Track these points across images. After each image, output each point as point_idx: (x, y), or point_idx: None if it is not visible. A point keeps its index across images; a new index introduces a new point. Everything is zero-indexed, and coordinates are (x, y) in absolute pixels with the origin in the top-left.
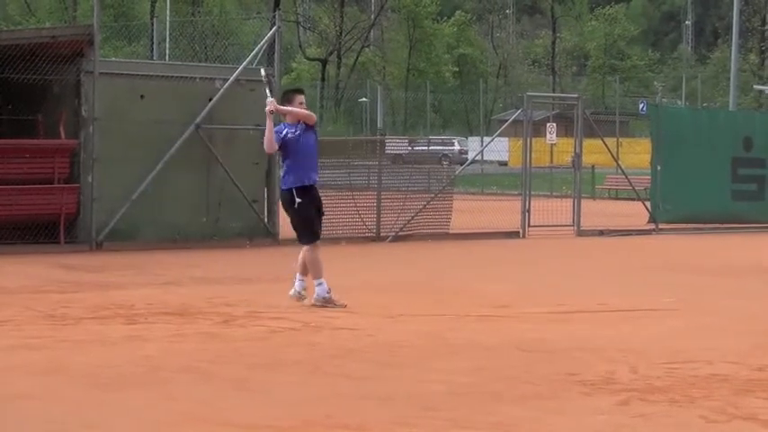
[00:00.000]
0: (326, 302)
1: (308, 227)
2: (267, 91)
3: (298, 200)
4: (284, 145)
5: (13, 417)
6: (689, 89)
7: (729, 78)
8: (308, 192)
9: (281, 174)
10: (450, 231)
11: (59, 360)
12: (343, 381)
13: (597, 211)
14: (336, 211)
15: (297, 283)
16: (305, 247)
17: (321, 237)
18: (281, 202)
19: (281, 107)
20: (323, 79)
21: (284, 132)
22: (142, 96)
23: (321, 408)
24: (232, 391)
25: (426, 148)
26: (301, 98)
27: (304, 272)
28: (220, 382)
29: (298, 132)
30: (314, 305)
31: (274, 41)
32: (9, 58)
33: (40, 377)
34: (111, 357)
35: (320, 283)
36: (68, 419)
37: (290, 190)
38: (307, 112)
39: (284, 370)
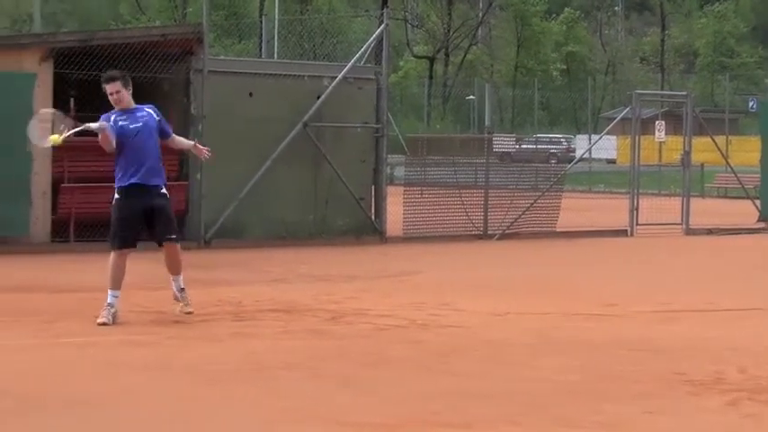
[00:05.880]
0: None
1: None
2: None
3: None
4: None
5: (117, 412)
6: None
7: None
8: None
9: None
10: (558, 230)
11: (166, 357)
12: (449, 378)
13: (706, 210)
14: (443, 209)
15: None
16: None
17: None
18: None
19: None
20: (430, 77)
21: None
22: (251, 94)
23: (427, 405)
24: (338, 388)
25: (535, 146)
26: (114, 86)
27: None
28: (327, 380)
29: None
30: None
31: (382, 39)
32: (120, 57)
33: (146, 373)
34: (217, 354)
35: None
36: (173, 416)
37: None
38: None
39: (390, 367)
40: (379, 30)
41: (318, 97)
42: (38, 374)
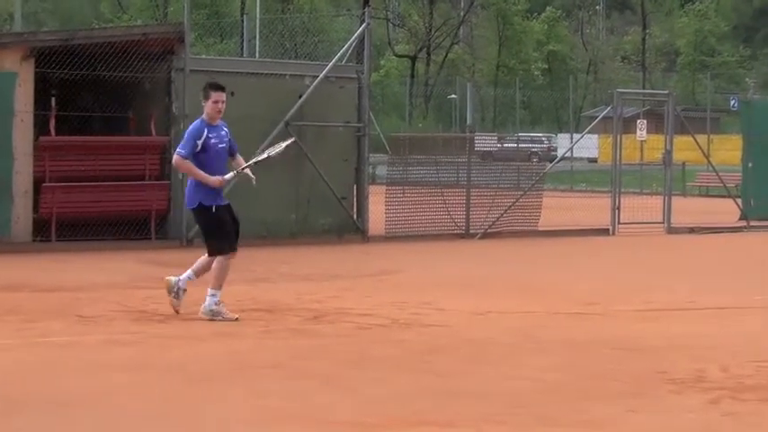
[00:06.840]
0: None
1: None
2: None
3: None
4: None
5: (102, 412)
6: None
7: None
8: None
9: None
10: (540, 228)
11: (149, 356)
12: (432, 377)
13: (688, 209)
14: (425, 208)
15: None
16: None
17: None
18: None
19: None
20: (412, 76)
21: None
22: (232, 93)
23: (409, 404)
24: (321, 387)
25: (516, 145)
26: (222, 96)
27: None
28: (309, 379)
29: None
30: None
31: (364, 38)
32: (101, 56)
33: (129, 373)
34: (200, 353)
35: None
36: (157, 417)
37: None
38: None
39: (372, 366)
40: (360, 29)
41: (300, 96)
42: (22, 374)
